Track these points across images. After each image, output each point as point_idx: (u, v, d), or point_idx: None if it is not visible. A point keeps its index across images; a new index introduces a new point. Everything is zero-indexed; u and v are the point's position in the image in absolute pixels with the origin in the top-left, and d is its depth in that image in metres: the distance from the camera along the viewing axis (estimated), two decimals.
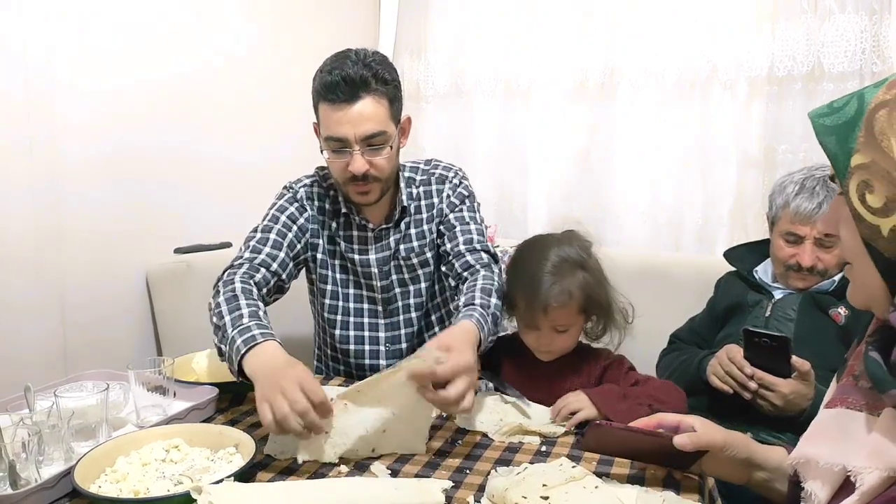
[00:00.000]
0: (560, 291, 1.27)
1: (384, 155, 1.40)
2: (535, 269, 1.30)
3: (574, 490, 0.90)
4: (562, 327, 1.30)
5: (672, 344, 1.74)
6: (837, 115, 0.75)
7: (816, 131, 0.76)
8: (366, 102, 1.35)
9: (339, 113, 1.35)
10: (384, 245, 1.54)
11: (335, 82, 1.34)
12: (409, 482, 0.94)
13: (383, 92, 1.37)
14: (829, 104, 0.77)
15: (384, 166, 1.41)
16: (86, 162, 1.64)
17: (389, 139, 1.40)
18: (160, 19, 1.80)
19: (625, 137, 2.23)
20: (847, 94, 0.77)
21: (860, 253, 0.75)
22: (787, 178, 1.56)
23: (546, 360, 1.35)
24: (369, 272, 1.54)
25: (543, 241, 1.37)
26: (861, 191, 0.71)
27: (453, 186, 1.58)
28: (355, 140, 1.36)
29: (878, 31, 1.84)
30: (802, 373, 1.32)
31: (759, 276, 1.64)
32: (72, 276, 1.63)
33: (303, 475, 1.00)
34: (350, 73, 1.33)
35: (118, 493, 0.91)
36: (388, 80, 1.39)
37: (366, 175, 1.39)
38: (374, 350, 1.57)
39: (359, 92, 1.34)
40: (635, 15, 2.17)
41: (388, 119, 1.39)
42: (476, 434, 1.17)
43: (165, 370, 1.20)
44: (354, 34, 2.56)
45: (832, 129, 0.75)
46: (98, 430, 1.08)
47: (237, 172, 2.03)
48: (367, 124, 1.36)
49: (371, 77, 1.35)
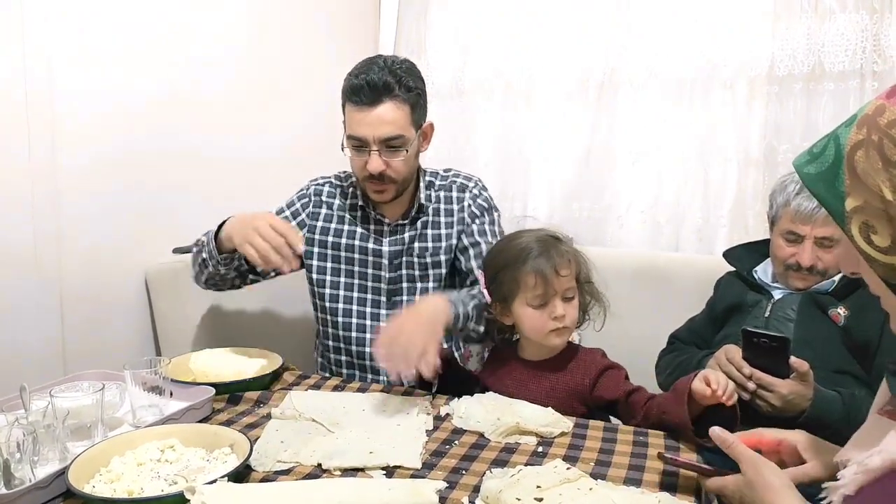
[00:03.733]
0: (562, 252, 1.30)
1: (401, 157, 1.48)
2: (530, 246, 1.30)
3: (568, 492, 0.89)
4: (570, 293, 1.30)
5: (671, 344, 1.74)
6: (819, 161, 0.74)
7: (804, 181, 0.76)
8: (387, 107, 1.45)
9: (361, 114, 1.45)
10: (398, 239, 1.61)
11: (360, 85, 1.44)
12: (403, 483, 0.94)
13: (405, 98, 1.46)
14: (809, 150, 0.77)
15: (400, 168, 1.50)
16: (85, 162, 1.64)
17: (408, 143, 1.48)
18: (160, 19, 1.79)
19: (625, 137, 2.22)
20: (822, 137, 0.76)
21: (883, 290, 0.75)
22: (788, 178, 1.56)
23: (558, 343, 1.32)
24: (379, 262, 1.60)
25: (516, 233, 1.38)
26: (865, 233, 0.71)
27: (473, 196, 1.66)
28: (374, 141, 1.46)
29: (879, 30, 1.83)
30: (801, 374, 1.32)
31: (758, 276, 1.63)
32: (71, 276, 1.63)
33: (297, 476, 1.00)
34: (374, 78, 1.43)
35: (112, 493, 0.91)
36: (412, 87, 1.48)
37: (382, 175, 1.48)
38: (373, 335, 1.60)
39: (381, 96, 1.44)
40: (636, 15, 2.16)
41: (408, 124, 1.48)
42: (473, 434, 1.16)
43: (162, 370, 1.20)
44: (355, 34, 2.56)
45: (818, 177, 0.74)
46: (93, 430, 1.08)
47: (236, 172, 2.03)
48: (386, 127, 1.45)
49: (395, 83, 1.44)
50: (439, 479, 0.96)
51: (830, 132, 0.75)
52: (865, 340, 1.44)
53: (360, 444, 1.08)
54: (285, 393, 1.33)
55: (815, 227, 1.47)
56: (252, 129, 2.11)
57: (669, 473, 1.01)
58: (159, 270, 1.79)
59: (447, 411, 1.26)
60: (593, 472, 1.01)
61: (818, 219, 1.46)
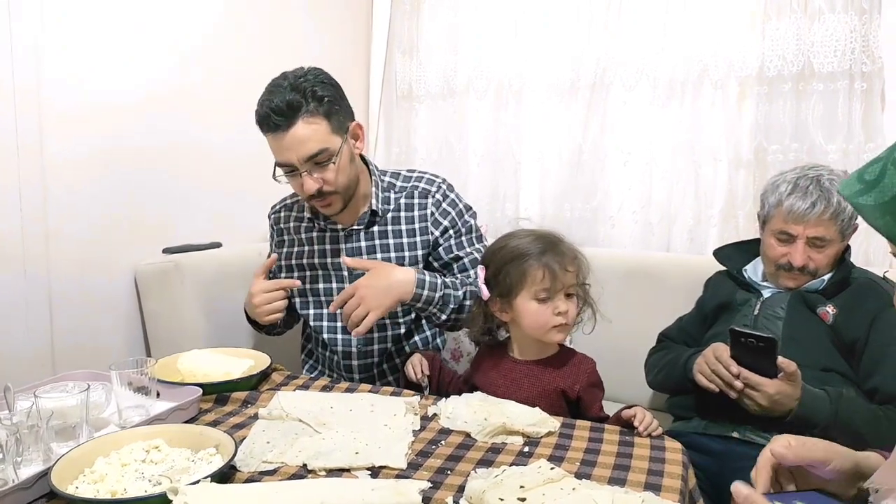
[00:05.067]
0: (569, 250, 1.32)
1: (331, 170, 1.47)
2: (538, 242, 1.32)
3: (551, 492, 0.89)
4: (572, 290, 1.31)
5: (661, 342, 1.75)
6: (878, 190, 0.65)
7: (862, 214, 0.67)
8: (299, 126, 1.42)
9: (279, 140, 1.44)
10: (355, 248, 1.61)
11: (266, 114, 1.43)
12: (387, 483, 0.94)
13: (316, 111, 1.43)
14: (859, 177, 0.68)
15: (335, 179, 1.48)
16: (74, 160, 1.64)
17: (334, 154, 1.46)
18: (149, 13, 1.78)
19: (616, 137, 2.22)
20: (872, 161, 0.67)
21: None
22: (779, 178, 1.56)
23: (559, 340, 1.33)
24: (341, 275, 1.62)
25: (518, 231, 1.39)
26: None
27: (436, 202, 1.62)
28: (299, 162, 1.44)
29: (868, 30, 1.84)
30: (789, 373, 1.32)
31: (748, 275, 1.64)
32: (60, 275, 1.63)
33: (282, 476, 0.99)
34: (277, 103, 1.41)
35: (95, 493, 0.91)
36: (322, 96, 1.44)
37: (320, 191, 1.47)
38: (347, 339, 1.63)
39: (290, 118, 1.41)
40: (626, 15, 2.16)
41: (328, 134, 1.45)
42: (460, 434, 1.16)
43: (148, 370, 1.20)
44: (347, 34, 2.56)
45: (882, 209, 0.65)
46: (78, 430, 1.07)
47: (227, 172, 2.02)
48: (306, 146, 1.43)
49: (301, 99, 1.42)
50: (424, 480, 0.96)
51: (883, 156, 0.66)
52: (853, 339, 1.44)
53: (346, 444, 1.08)
54: (273, 393, 1.33)
55: (808, 227, 1.47)
56: (244, 127, 2.09)
57: (654, 473, 1.01)
58: (149, 270, 1.79)
59: (435, 411, 1.26)
60: (578, 471, 1.02)
61: (810, 219, 1.46)
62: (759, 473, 0.86)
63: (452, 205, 1.63)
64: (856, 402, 1.38)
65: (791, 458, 0.85)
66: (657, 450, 1.10)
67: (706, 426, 1.49)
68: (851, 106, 1.87)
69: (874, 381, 1.40)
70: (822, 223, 1.46)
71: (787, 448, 0.85)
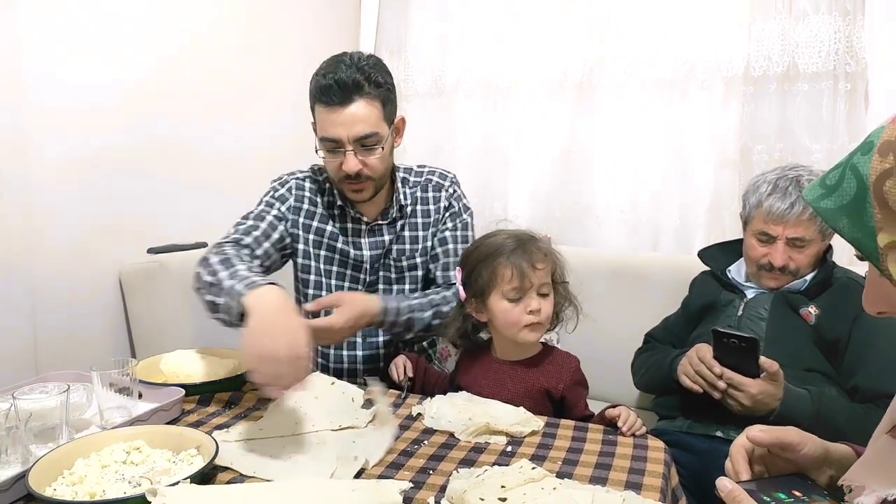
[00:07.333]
0: (539, 248, 1.31)
1: (377, 155, 1.47)
2: (507, 241, 1.32)
3: (532, 491, 0.90)
4: (545, 289, 1.31)
5: (647, 343, 1.75)
6: (838, 194, 0.66)
7: (823, 217, 0.68)
8: (358, 105, 1.42)
9: (333, 115, 1.42)
10: (378, 242, 1.60)
11: (329, 85, 1.41)
12: (367, 483, 0.94)
13: (376, 95, 1.44)
14: (821, 182, 0.69)
15: (377, 166, 1.48)
16: (57, 159, 1.62)
17: (382, 140, 1.47)
18: (135, 9, 1.77)
19: (604, 137, 2.23)
20: (833, 167, 0.68)
21: None
22: (760, 178, 1.57)
23: (532, 340, 1.32)
24: (360, 266, 1.60)
25: (494, 231, 1.39)
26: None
27: (448, 196, 1.65)
28: (348, 140, 1.43)
29: (852, 31, 1.85)
30: (771, 373, 1.33)
31: (731, 276, 1.65)
32: (43, 275, 1.61)
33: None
34: (343, 77, 1.40)
35: (73, 495, 0.90)
36: (382, 82, 1.45)
37: (359, 174, 1.46)
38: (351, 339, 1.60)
39: (352, 95, 1.41)
40: (614, 15, 2.17)
41: (380, 120, 1.46)
42: (443, 434, 1.16)
43: (130, 371, 1.19)
44: (335, 32, 2.56)
45: (839, 212, 0.66)
46: (59, 431, 1.07)
47: (212, 172, 2.02)
48: (359, 126, 1.43)
49: (364, 80, 1.42)
50: (406, 480, 0.96)
51: (842, 162, 0.67)
52: (835, 339, 1.45)
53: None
54: (256, 394, 1.32)
55: (787, 227, 1.48)
56: (231, 127, 2.09)
57: (635, 472, 1.02)
58: (133, 271, 1.78)
59: (419, 411, 1.26)
60: (560, 471, 1.02)
61: (790, 219, 1.47)
62: (736, 462, 0.86)
63: (459, 200, 1.67)
64: (837, 401, 1.39)
65: (767, 439, 0.85)
66: (639, 448, 1.10)
67: (690, 426, 1.50)
68: (836, 106, 1.89)
69: (855, 380, 1.41)
70: (801, 223, 1.47)
71: (762, 431, 0.86)
